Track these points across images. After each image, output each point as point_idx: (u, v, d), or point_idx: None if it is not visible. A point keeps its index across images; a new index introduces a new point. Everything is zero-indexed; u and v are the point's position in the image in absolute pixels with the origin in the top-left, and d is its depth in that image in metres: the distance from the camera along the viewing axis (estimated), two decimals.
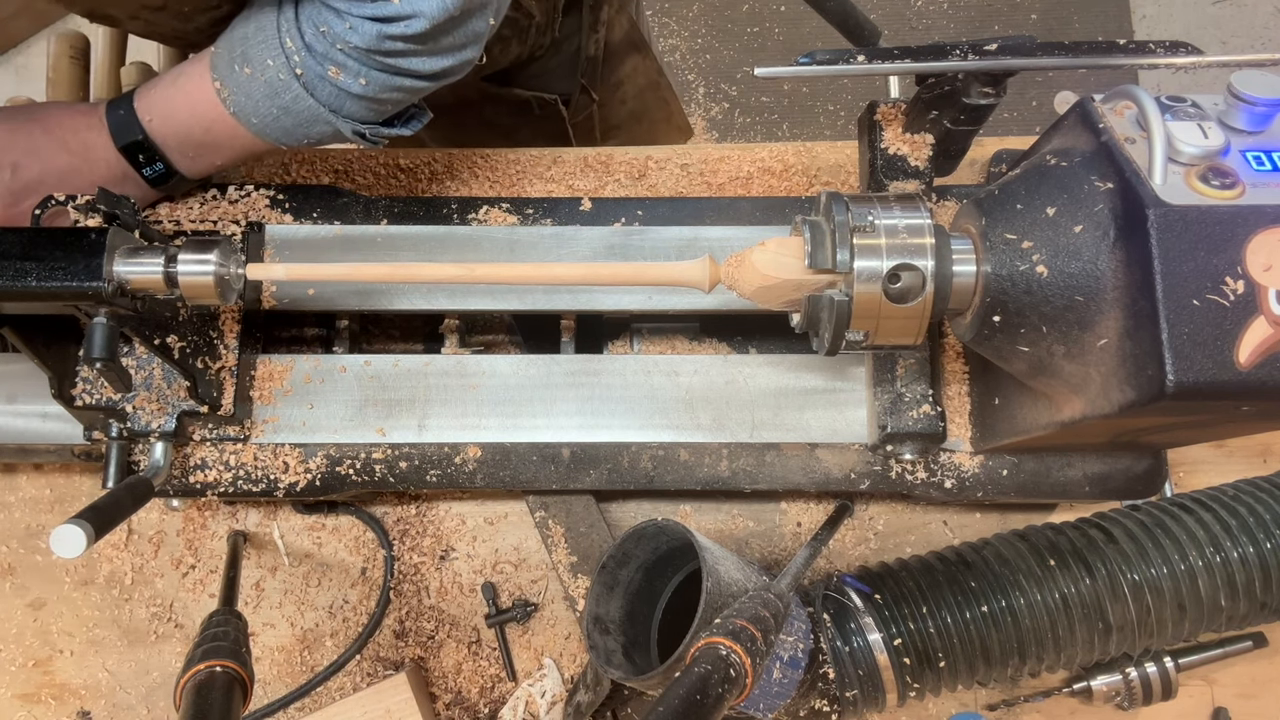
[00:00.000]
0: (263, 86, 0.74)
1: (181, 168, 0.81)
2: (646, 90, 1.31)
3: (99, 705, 0.91)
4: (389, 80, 0.73)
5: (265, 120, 0.76)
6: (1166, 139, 0.61)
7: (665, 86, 1.34)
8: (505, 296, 0.88)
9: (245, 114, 0.76)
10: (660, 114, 1.36)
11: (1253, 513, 0.77)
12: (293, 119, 0.76)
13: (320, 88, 0.74)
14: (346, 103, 0.75)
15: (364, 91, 0.74)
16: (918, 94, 0.80)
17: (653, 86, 1.31)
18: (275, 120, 0.76)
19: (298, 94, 0.74)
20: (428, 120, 0.84)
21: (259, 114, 0.76)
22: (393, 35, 0.69)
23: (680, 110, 1.39)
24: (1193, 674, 0.90)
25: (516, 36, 1.08)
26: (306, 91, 0.74)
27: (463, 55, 0.75)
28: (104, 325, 0.68)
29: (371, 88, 0.73)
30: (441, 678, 0.91)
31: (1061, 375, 0.67)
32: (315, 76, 0.73)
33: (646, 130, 1.36)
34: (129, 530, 0.94)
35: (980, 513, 0.94)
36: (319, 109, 0.75)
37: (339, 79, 0.73)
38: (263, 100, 0.75)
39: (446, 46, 0.73)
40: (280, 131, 0.77)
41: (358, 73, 0.72)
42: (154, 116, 0.78)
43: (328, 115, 0.75)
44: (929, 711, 0.91)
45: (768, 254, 0.68)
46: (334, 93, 0.74)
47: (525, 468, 0.86)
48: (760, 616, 0.63)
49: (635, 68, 1.26)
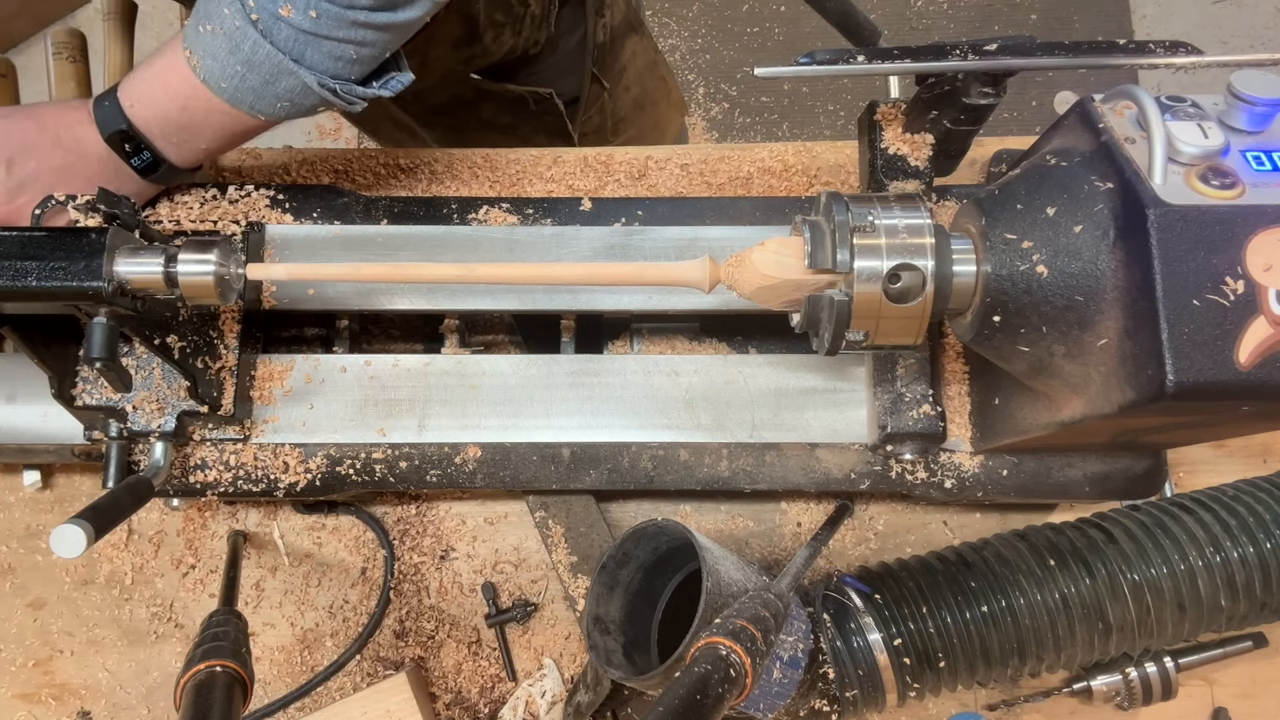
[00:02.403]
0: (224, 41, 0.73)
1: (169, 155, 0.80)
2: (646, 72, 1.31)
3: (99, 705, 0.91)
4: (340, 14, 0.72)
5: (233, 82, 0.75)
6: (1166, 139, 0.61)
7: (662, 63, 1.33)
8: (505, 296, 0.88)
9: (214, 78, 0.75)
10: (660, 93, 1.35)
11: (1253, 513, 0.77)
12: (258, 75, 0.74)
13: (276, 30, 0.72)
14: (307, 49, 0.74)
15: (315, 28, 0.72)
16: (918, 94, 0.80)
17: (651, 66, 1.31)
18: (242, 79, 0.75)
19: (255, 40, 0.73)
20: (409, 81, 0.82)
21: (226, 75, 0.75)
22: None
23: (676, 85, 1.38)
24: (1193, 674, 0.90)
25: (510, 25, 1.07)
26: (264, 38, 0.73)
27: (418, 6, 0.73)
28: (104, 325, 0.68)
29: (323, 22, 0.72)
30: (441, 678, 0.91)
31: (1061, 375, 0.67)
32: (269, 17, 0.72)
33: (650, 115, 1.35)
34: (129, 530, 0.94)
35: (980, 513, 0.94)
36: (279, 57, 0.73)
37: (290, 16, 0.71)
38: (226, 58, 0.74)
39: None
40: (249, 94, 0.76)
41: (306, 5, 0.71)
42: (135, 101, 0.77)
43: (289, 64, 0.74)
44: (929, 711, 0.91)
45: (768, 254, 0.68)
46: (291, 35, 0.73)
47: (525, 468, 0.86)
48: (760, 616, 0.63)
49: (634, 50, 1.26)
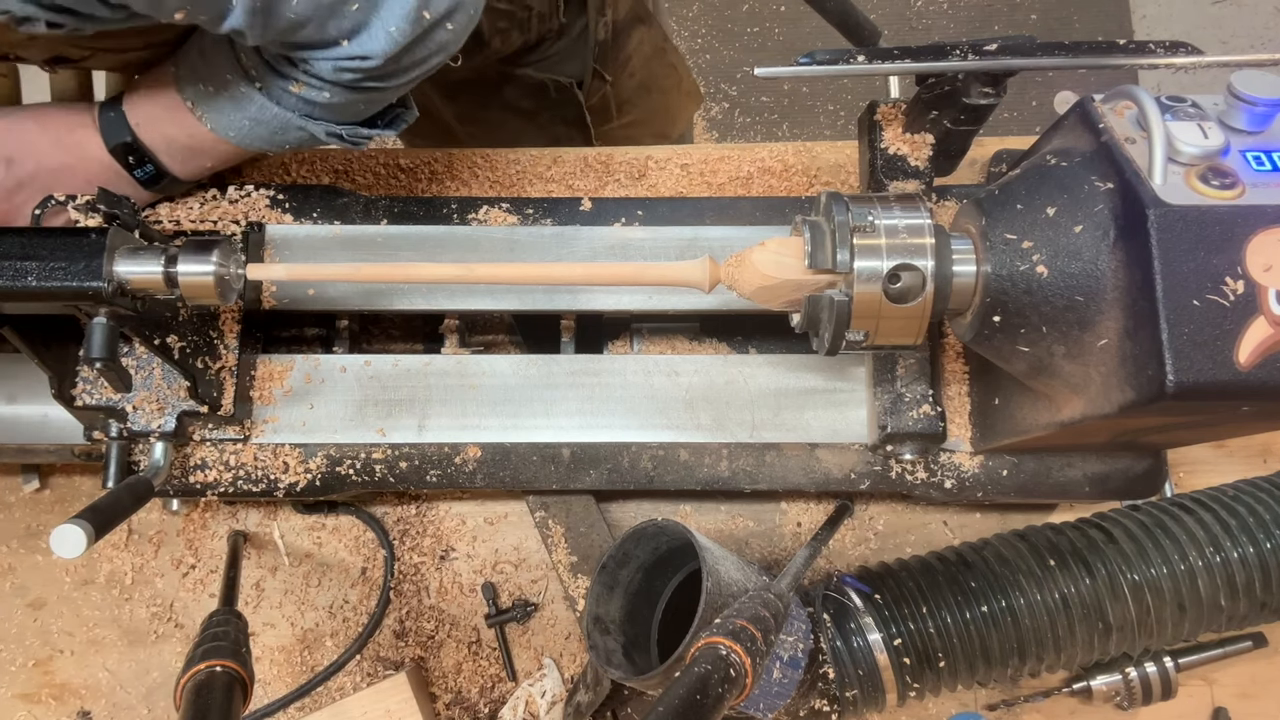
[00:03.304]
0: (228, 102, 0.74)
1: (173, 170, 0.81)
2: (653, 58, 1.29)
3: (99, 705, 0.91)
4: (355, 95, 0.73)
5: (242, 132, 0.76)
6: (1166, 139, 0.61)
7: (672, 51, 1.31)
8: (505, 296, 0.88)
9: (221, 129, 0.76)
10: (670, 81, 1.34)
11: (1253, 513, 0.77)
12: (266, 128, 0.75)
13: (285, 99, 0.73)
14: (315, 109, 0.74)
15: (329, 101, 0.73)
16: (918, 94, 0.80)
17: (659, 53, 1.30)
18: (250, 130, 0.75)
19: (262, 103, 0.73)
20: (413, 119, 0.82)
21: (234, 127, 0.75)
22: (350, 69, 0.69)
23: (689, 74, 1.36)
24: (1193, 674, 0.90)
25: (516, 27, 1.07)
26: (271, 101, 0.73)
27: (429, 65, 0.73)
28: (104, 325, 0.68)
29: (335, 98, 0.73)
30: (441, 678, 0.91)
31: (1061, 375, 0.67)
32: (278, 90, 0.73)
33: (658, 100, 1.33)
34: (129, 530, 0.94)
35: (980, 513, 0.94)
36: (288, 116, 0.74)
37: (302, 92, 0.72)
38: (232, 114, 0.74)
39: (409, 65, 0.71)
40: (259, 140, 0.76)
41: (321, 88, 0.72)
42: (140, 121, 0.78)
43: (299, 121, 0.74)
44: (929, 711, 0.91)
45: (768, 254, 0.68)
46: (299, 102, 0.73)
47: (525, 468, 0.86)
48: (760, 616, 0.63)
49: (641, 39, 1.25)
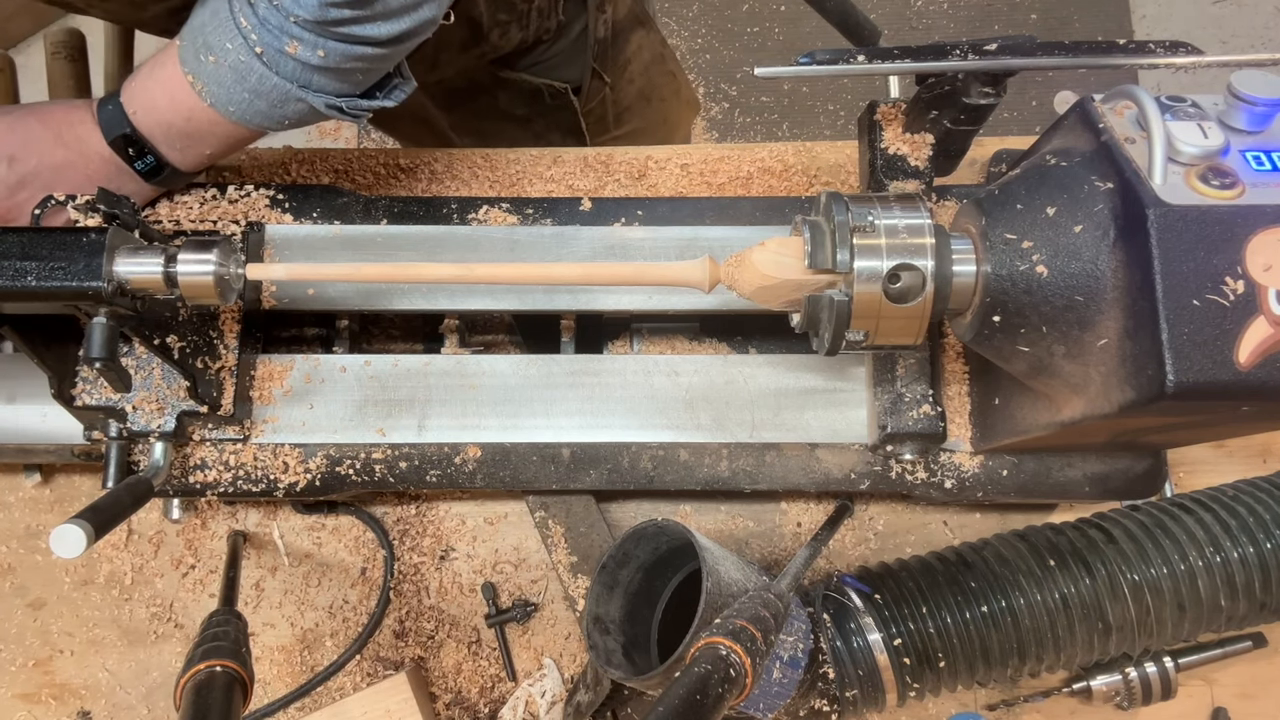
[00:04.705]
0: (229, 72, 0.73)
1: (173, 160, 0.80)
2: (652, 65, 1.29)
3: (99, 705, 0.91)
4: (347, 49, 0.72)
5: (240, 106, 0.75)
6: (1166, 139, 0.61)
7: (670, 58, 1.32)
8: (505, 296, 0.88)
9: (221, 103, 0.75)
10: (669, 89, 1.34)
11: (1253, 513, 0.77)
12: (265, 101, 0.75)
13: (282, 64, 0.73)
14: (313, 77, 0.74)
15: (323, 63, 0.72)
16: (918, 94, 0.80)
17: (658, 60, 1.30)
18: (249, 104, 0.75)
19: (262, 74, 0.73)
20: (412, 89, 0.82)
21: (233, 101, 0.75)
22: (335, 3, 0.69)
23: (687, 83, 1.36)
24: (1192, 674, 0.90)
25: (515, 21, 1.07)
26: (270, 70, 0.73)
27: (419, 15, 0.73)
28: (104, 325, 0.68)
29: (331, 58, 0.72)
30: (441, 678, 0.91)
31: (1061, 375, 0.67)
32: (275, 53, 0.72)
33: (657, 109, 1.34)
34: (129, 530, 0.94)
35: (980, 513, 0.94)
36: (287, 86, 0.74)
37: (298, 53, 0.72)
38: (233, 86, 0.74)
39: (396, 8, 0.71)
40: (257, 115, 0.76)
41: (314, 45, 0.71)
42: (138, 109, 0.77)
43: (297, 91, 0.74)
44: (929, 711, 0.91)
45: (768, 254, 0.68)
46: (297, 67, 0.73)
47: (525, 468, 0.86)
48: (760, 616, 0.63)
49: (640, 44, 1.25)
